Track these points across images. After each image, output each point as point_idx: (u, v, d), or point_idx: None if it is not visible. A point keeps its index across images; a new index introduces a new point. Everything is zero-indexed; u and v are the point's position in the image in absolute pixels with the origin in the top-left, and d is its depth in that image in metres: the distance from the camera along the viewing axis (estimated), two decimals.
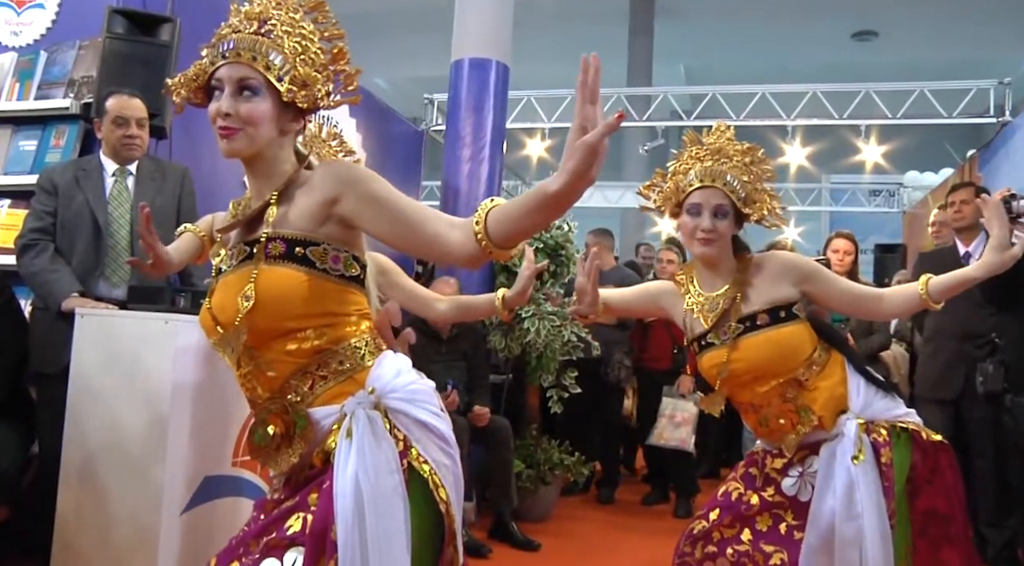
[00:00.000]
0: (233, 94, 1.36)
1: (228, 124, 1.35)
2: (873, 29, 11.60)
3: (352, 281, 1.40)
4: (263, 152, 1.40)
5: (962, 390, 3.72)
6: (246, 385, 1.42)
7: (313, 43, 1.40)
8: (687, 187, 1.99)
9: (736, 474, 2.16)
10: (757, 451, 2.14)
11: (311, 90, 1.38)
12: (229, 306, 1.36)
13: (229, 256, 1.44)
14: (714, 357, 2.00)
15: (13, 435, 2.73)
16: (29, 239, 2.80)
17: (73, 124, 3.34)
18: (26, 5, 3.60)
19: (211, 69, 1.38)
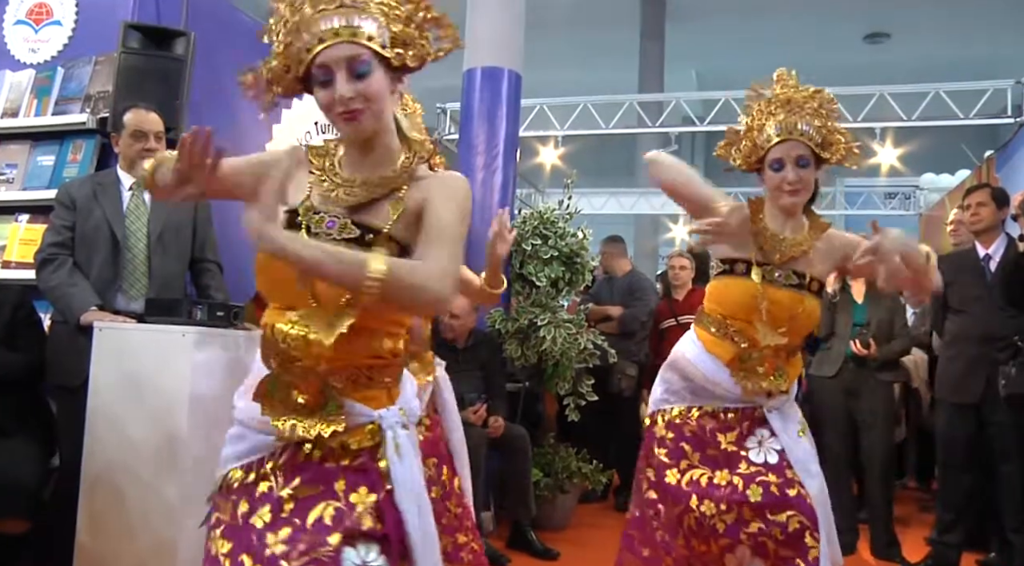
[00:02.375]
0: (347, 78, 1.28)
1: (354, 106, 1.28)
2: (885, 31, 11.54)
3: None
4: (379, 130, 1.36)
5: (984, 393, 3.68)
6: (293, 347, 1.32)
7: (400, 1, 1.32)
8: (765, 143, 2.04)
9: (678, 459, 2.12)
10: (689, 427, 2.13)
11: (415, 47, 1.32)
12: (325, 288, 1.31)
13: (323, 221, 1.35)
14: (780, 295, 2.04)
15: (33, 448, 2.75)
16: (48, 254, 2.83)
17: (90, 139, 3.37)
18: (43, 22, 3.64)
19: (308, 56, 1.29)
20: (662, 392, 2.23)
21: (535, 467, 4.43)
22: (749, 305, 2.04)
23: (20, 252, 3.33)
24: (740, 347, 2.07)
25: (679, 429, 2.14)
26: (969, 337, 3.80)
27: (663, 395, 2.22)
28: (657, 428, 2.18)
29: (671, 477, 2.10)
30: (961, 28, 10.87)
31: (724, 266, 2.12)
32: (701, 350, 2.15)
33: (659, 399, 2.23)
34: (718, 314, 2.14)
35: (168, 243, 2.93)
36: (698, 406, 2.14)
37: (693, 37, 11.49)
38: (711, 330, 2.14)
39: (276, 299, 1.36)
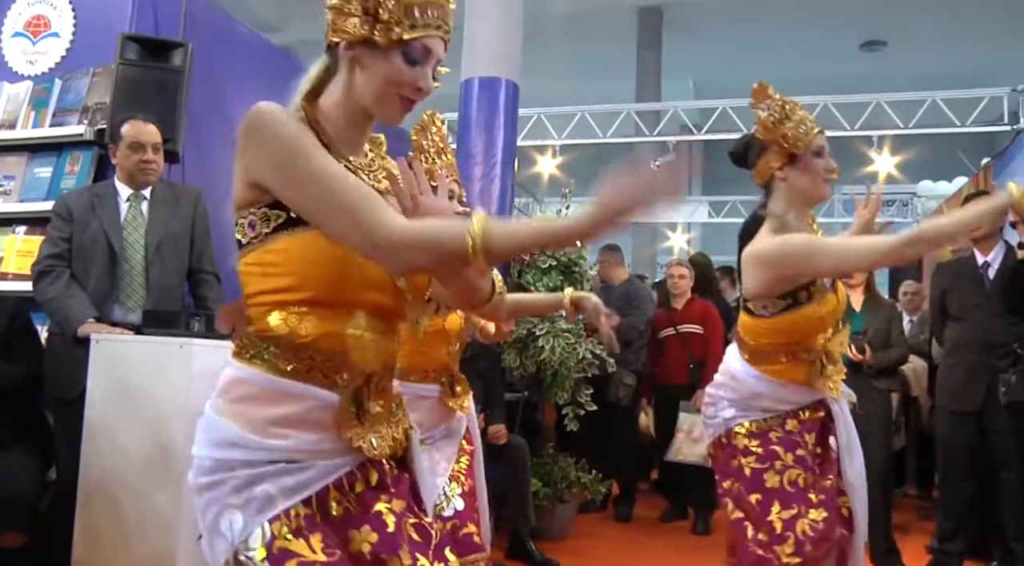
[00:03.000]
0: (432, 69, 1.26)
1: (416, 98, 1.25)
2: (882, 39, 11.58)
3: None
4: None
5: (984, 401, 3.67)
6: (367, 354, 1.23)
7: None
8: (804, 135, 2.07)
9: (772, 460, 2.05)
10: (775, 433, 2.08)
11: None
12: (419, 278, 1.28)
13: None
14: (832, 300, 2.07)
15: (30, 460, 2.74)
16: (45, 265, 2.82)
17: (87, 150, 3.37)
18: (41, 34, 3.64)
19: (421, 32, 1.21)
20: (735, 412, 2.14)
21: (534, 477, 4.41)
22: (819, 327, 2.07)
23: (17, 264, 3.32)
24: (811, 362, 2.07)
25: (764, 435, 2.09)
26: (969, 344, 3.79)
27: (736, 413, 2.14)
28: (738, 441, 2.11)
29: (771, 480, 2.04)
30: (957, 36, 10.92)
31: (786, 302, 2.05)
32: (776, 384, 2.10)
33: (730, 417, 2.14)
34: (784, 346, 2.09)
35: (166, 254, 2.92)
36: (773, 415, 2.11)
37: (690, 46, 11.53)
38: (781, 361, 2.09)
39: (341, 298, 1.21)
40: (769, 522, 1.98)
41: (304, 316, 1.19)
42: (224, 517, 1.17)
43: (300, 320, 1.19)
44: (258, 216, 1.21)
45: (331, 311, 1.19)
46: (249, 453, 1.17)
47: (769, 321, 2.08)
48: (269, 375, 1.19)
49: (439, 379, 2.31)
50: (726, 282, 6.24)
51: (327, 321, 1.19)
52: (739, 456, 2.09)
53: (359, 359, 1.21)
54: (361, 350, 1.21)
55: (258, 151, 1.20)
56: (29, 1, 3.67)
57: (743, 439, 2.10)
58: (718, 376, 2.23)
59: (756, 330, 2.11)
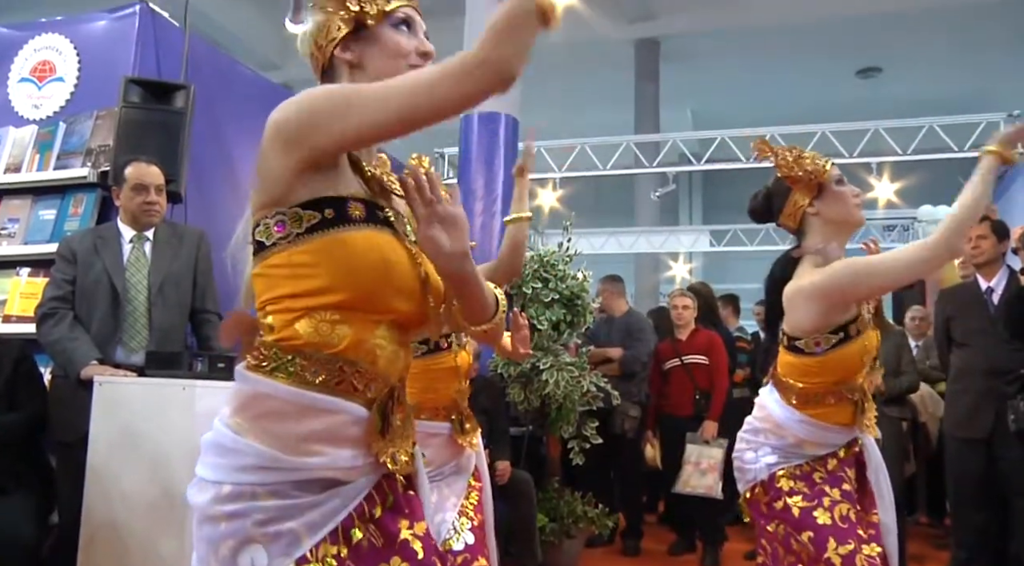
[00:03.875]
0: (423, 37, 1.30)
1: (423, 64, 1.27)
2: (877, 65, 11.69)
3: None
4: None
5: (993, 428, 3.64)
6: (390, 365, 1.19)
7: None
8: (825, 164, 2.12)
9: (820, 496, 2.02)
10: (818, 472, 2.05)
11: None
12: (438, 285, 1.26)
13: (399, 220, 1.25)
14: (873, 334, 2.07)
15: (32, 504, 2.72)
16: (48, 308, 2.82)
17: (91, 192, 3.39)
18: (47, 79, 3.69)
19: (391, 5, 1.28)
20: (777, 458, 2.10)
21: (540, 512, 4.37)
22: (861, 363, 2.05)
23: (21, 306, 3.33)
24: (855, 401, 2.06)
25: (807, 478, 2.06)
26: (975, 371, 3.77)
27: (777, 459, 2.10)
28: (781, 484, 2.07)
29: (822, 517, 1.99)
30: (951, 63, 11.03)
31: (840, 335, 2.01)
32: (823, 427, 2.07)
33: (772, 463, 2.11)
34: (829, 386, 2.06)
35: (168, 295, 2.93)
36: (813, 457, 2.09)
37: (687, 77, 11.64)
38: (829, 402, 2.06)
39: (375, 306, 1.16)
40: (827, 559, 1.94)
41: (336, 324, 1.13)
42: (245, 552, 1.08)
43: (332, 328, 1.13)
44: (288, 215, 1.14)
45: (363, 319, 1.15)
46: (280, 475, 1.09)
47: (820, 358, 2.02)
48: (297, 388, 1.11)
49: (449, 416, 2.30)
50: (728, 311, 6.23)
51: (359, 329, 1.14)
52: (784, 497, 2.04)
53: (386, 370, 1.18)
54: (387, 360, 1.18)
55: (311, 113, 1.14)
56: (35, 47, 3.73)
57: (787, 482, 2.06)
58: (757, 422, 2.17)
59: (805, 370, 2.06)
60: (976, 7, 9.16)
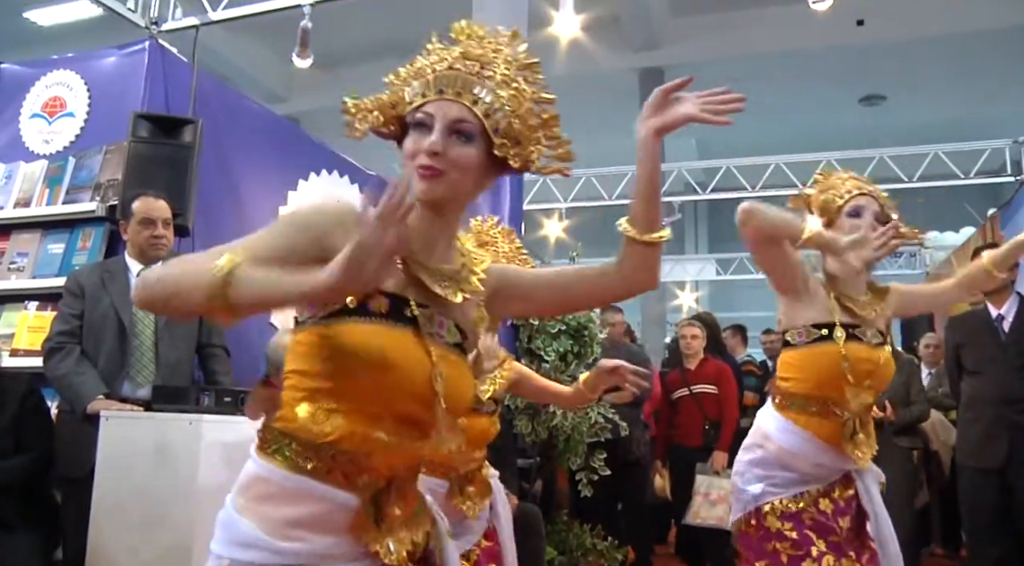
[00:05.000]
0: (444, 132, 1.20)
1: (435, 164, 1.19)
2: (881, 93, 11.75)
3: None
4: (449, 206, 1.25)
5: (1007, 458, 3.59)
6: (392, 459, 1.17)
7: (525, 101, 1.26)
8: (846, 194, 2.16)
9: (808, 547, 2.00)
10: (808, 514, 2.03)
11: (524, 149, 1.25)
12: (463, 394, 1.23)
13: (433, 319, 1.21)
14: (869, 353, 2.07)
15: (37, 540, 2.71)
16: (56, 342, 2.83)
17: (99, 226, 3.41)
18: (57, 114, 3.73)
19: (420, 101, 1.22)
20: (764, 487, 2.09)
21: (549, 545, 4.31)
22: (837, 370, 2.03)
23: (29, 340, 3.33)
24: (842, 420, 2.05)
25: (796, 518, 2.04)
26: (986, 399, 3.73)
27: (766, 488, 2.09)
28: (769, 522, 2.05)
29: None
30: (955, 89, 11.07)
31: (819, 331, 2.08)
32: (803, 437, 2.07)
33: (760, 494, 2.10)
34: (807, 390, 2.08)
35: (175, 329, 2.93)
36: (804, 492, 2.06)
37: None
38: (810, 410, 2.07)
39: (376, 403, 1.15)
40: None
41: (332, 413, 1.14)
42: None
43: (328, 417, 1.14)
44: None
45: (360, 411, 1.14)
46: (267, 556, 1.12)
47: (801, 352, 2.10)
48: (289, 472, 1.14)
49: (447, 475, 2.19)
50: (736, 340, 6.20)
51: (355, 422, 1.14)
52: (774, 540, 2.03)
53: (382, 463, 1.16)
54: (386, 454, 1.16)
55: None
56: (47, 83, 3.78)
57: (775, 520, 2.04)
58: (749, 438, 2.19)
59: (788, 365, 2.14)
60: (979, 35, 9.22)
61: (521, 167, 1.25)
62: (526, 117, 1.25)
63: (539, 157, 1.27)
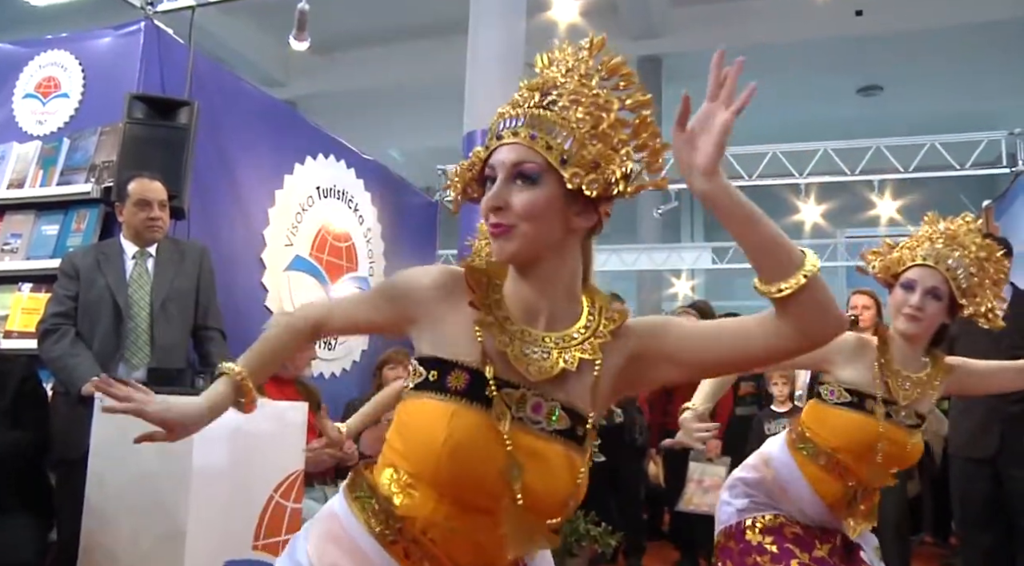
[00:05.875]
0: (506, 181, 1.08)
1: (501, 219, 1.07)
2: (878, 83, 11.73)
3: None
4: (543, 255, 1.10)
5: (999, 448, 3.61)
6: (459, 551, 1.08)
7: (609, 113, 1.11)
8: (908, 261, 2.00)
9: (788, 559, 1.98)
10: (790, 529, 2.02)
11: (602, 173, 1.08)
12: (551, 495, 1.06)
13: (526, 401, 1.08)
14: (900, 436, 1.96)
15: (31, 522, 2.71)
16: (51, 324, 2.82)
17: (94, 208, 3.40)
18: (51, 95, 3.70)
19: (485, 154, 1.13)
20: (747, 503, 2.09)
21: None
22: (867, 444, 1.94)
23: (23, 322, 3.32)
24: (847, 485, 1.98)
25: (778, 532, 2.02)
26: None
27: (750, 504, 2.09)
28: (750, 535, 2.05)
29: None
30: (952, 81, 11.06)
31: (851, 397, 1.99)
32: (801, 482, 2.02)
33: (743, 508, 2.09)
34: (827, 445, 2.01)
35: (171, 311, 2.92)
36: (786, 515, 2.05)
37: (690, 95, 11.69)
38: (819, 462, 2.01)
39: (446, 489, 1.06)
40: None
41: (407, 488, 1.08)
42: None
43: (402, 490, 1.08)
44: (413, 367, 1.14)
45: (427, 492, 1.07)
46: None
47: (831, 411, 2.01)
48: (360, 525, 1.09)
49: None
50: None
51: (425, 505, 1.06)
52: (754, 554, 2.02)
53: (447, 552, 1.06)
54: (448, 545, 1.06)
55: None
56: (41, 63, 3.75)
57: (756, 535, 2.03)
58: (750, 459, 2.17)
59: (818, 418, 2.05)
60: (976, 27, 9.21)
61: (600, 194, 1.09)
62: (609, 133, 1.10)
63: (625, 177, 1.10)
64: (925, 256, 1.97)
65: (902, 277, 1.99)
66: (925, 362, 2.04)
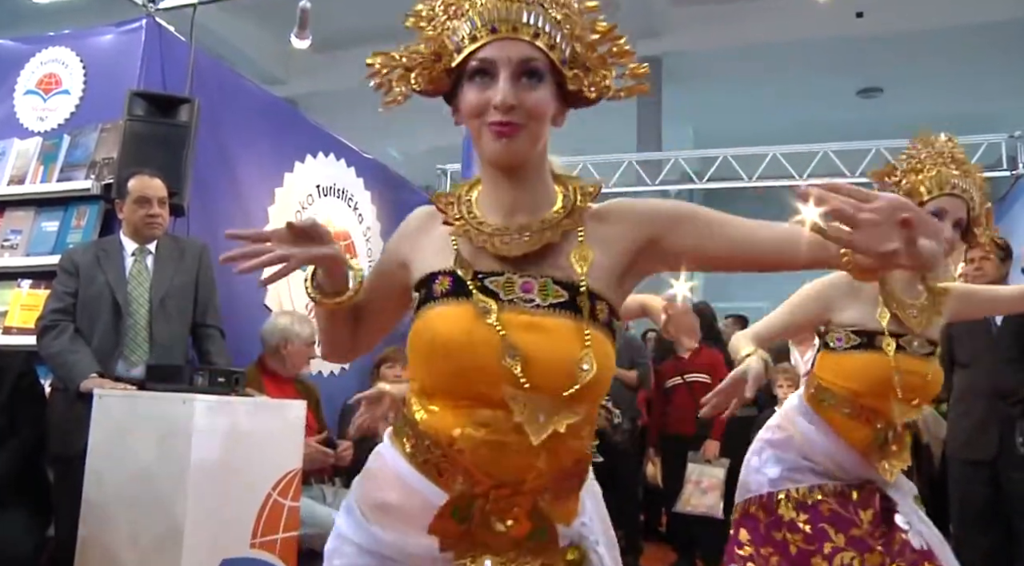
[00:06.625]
0: (512, 79, 1.04)
1: (512, 118, 1.04)
2: (878, 86, 11.73)
3: None
4: (533, 157, 1.10)
5: (998, 450, 3.61)
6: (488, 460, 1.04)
7: (577, 15, 1.10)
8: (930, 191, 1.93)
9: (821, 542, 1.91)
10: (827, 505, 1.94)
11: (596, 74, 1.09)
12: (556, 364, 1.02)
13: (513, 284, 1.07)
14: (917, 365, 1.93)
15: (29, 517, 2.71)
16: (50, 320, 2.82)
17: (94, 204, 3.39)
18: (52, 91, 3.70)
19: (472, 46, 1.05)
20: (781, 471, 2.02)
21: None
22: (884, 380, 1.90)
23: (22, 318, 3.32)
24: (876, 428, 1.93)
25: (814, 509, 1.95)
26: (978, 392, 3.74)
27: (784, 473, 2.01)
28: (783, 510, 1.98)
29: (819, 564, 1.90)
30: (952, 83, 11.06)
31: (860, 338, 1.95)
32: (827, 433, 1.98)
33: (777, 478, 2.02)
34: (846, 391, 1.97)
35: (170, 308, 2.92)
36: (822, 484, 1.98)
37: (690, 96, 11.68)
38: (843, 412, 1.96)
39: (457, 390, 1.05)
40: None
41: (427, 405, 1.07)
42: None
43: (423, 408, 1.08)
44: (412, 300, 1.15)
45: (445, 403, 1.06)
46: (355, 531, 1.09)
47: (841, 357, 1.97)
48: (397, 454, 1.09)
49: None
50: (736, 330, 6.20)
51: (443, 416, 1.05)
52: (784, 530, 1.95)
53: (477, 465, 1.03)
54: (476, 455, 1.03)
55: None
56: (42, 60, 3.74)
57: (790, 510, 1.97)
58: (772, 419, 2.13)
59: (829, 367, 2.01)
60: (976, 29, 9.21)
61: (598, 96, 1.10)
62: (583, 36, 1.10)
63: (612, 82, 1.11)
64: (952, 185, 1.92)
65: (928, 206, 1.90)
66: (921, 290, 2.01)
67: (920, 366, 1.94)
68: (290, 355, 3.49)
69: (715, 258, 1.12)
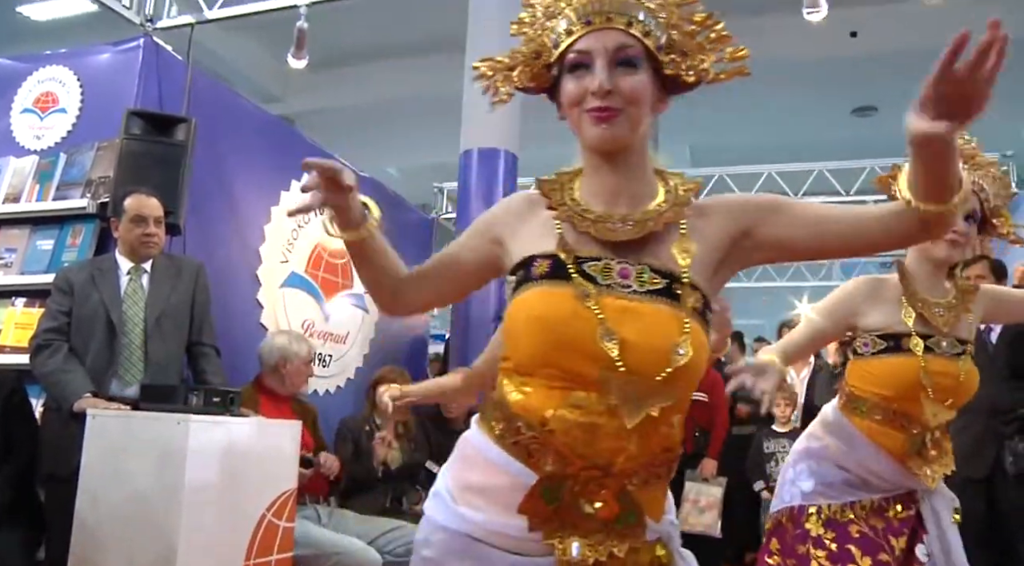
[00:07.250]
0: (608, 66, 1.08)
1: (610, 103, 1.07)
2: (872, 105, 11.81)
3: None
4: (635, 143, 1.13)
5: (993, 468, 3.60)
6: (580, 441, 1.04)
7: (674, 7, 1.14)
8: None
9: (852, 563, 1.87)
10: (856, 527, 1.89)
11: (693, 59, 1.13)
12: (652, 348, 1.03)
13: (611, 269, 1.09)
14: (947, 366, 1.90)
15: (20, 539, 2.67)
16: (43, 339, 2.80)
17: (89, 223, 3.39)
18: (49, 110, 3.71)
19: (569, 40, 1.10)
20: (814, 484, 1.99)
21: None
22: (914, 383, 1.87)
23: (16, 336, 3.30)
24: (912, 433, 1.91)
25: (843, 529, 1.91)
26: (973, 409, 3.70)
27: (817, 487, 1.98)
28: (811, 525, 1.95)
29: None
30: None
31: (886, 342, 1.93)
32: (864, 442, 1.94)
33: (809, 492, 1.99)
34: (877, 397, 1.94)
35: (166, 327, 2.91)
36: (857, 501, 1.94)
37: (686, 113, 11.74)
38: (875, 418, 1.94)
39: (553, 367, 1.06)
40: None
41: (521, 386, 1.08)
42: None
43: (516, 388, 1.09)
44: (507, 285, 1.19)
45: (539, 384, 1.07)
46: (444, 514, 1.10)
47: (869, 363, 1.95)
48: (484, 437, 1.11)
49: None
50: (734, 347, 6.20)
51: (537, 395, 1.06)
52: (809, 544, 1.92)
53: (569, 447, 1.03)
54: (568, 436, 1.03)
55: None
56: (39, 78, 3.75)
57: (817, 526, 1.93)
58: (808, 428, 2.10)
59: (859, 375, 1.99)
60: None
61: (696, 80, 1.14)
62: (680, 24, 1.13)
63: (711, 67, 1.14)
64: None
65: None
66: (948, 288, 1.99)
67: (950, 367, 1.91)
68: (289, 374, 3.48)
69: (807, 247, 1.16)
